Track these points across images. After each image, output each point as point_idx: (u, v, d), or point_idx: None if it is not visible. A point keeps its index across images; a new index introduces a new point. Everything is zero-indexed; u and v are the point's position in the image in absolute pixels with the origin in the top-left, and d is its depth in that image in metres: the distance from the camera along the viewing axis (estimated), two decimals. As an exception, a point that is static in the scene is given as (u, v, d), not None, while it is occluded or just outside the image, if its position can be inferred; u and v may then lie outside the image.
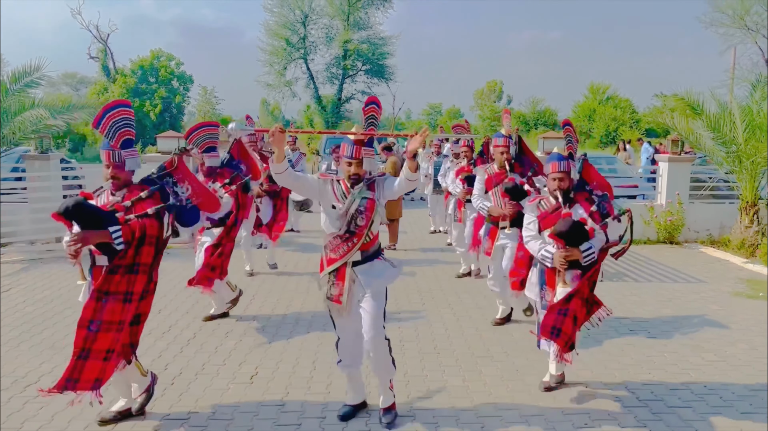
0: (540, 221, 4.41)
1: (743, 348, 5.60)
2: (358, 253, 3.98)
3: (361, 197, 3.94)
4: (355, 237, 3.94)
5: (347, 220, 3.93)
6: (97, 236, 3.68)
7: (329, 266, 4.02)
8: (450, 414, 4.28)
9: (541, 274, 4.50)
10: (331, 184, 4.05)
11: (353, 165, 3.95)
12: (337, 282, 4.00)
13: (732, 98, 10.67)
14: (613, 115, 39.64)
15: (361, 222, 3.94)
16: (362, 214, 3.93)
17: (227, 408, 4.36)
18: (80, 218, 3.66)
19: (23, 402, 4.42)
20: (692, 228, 10.75)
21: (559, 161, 4.34)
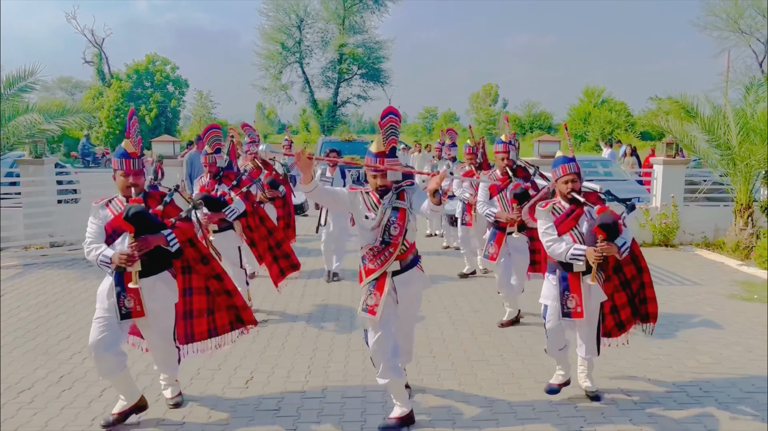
0: (557, 226, 4.31)
1: (738, 351, 5.61)
2: (397, 263, 4.01)
3: (392, 207, 3.99)
4: (390, 247, 3.98)
5: (381, 231, 3.97)
6: (156, 240, 3.83)
7: (368, 276, 4.04)
8: (446, 418, 4.27)
9: (562, 281, 4.32)
10: (362, 196, 4.07)
11: (378, 177, 3.99)
12: (374, 292, 4.01)
13: (726, 101, 10.70)
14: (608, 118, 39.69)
15: (394, 232, 3.97)
16: (394, 223, 3.96)
17: (222, 413, 4.35)
18: (139, 224, 3.74)
19: (17, 408, 4.39)
20: (687, 230, 10.78)
21: (568, 163, 4.29)
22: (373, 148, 3.98)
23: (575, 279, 4.29)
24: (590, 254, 4.09)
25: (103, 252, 3.87)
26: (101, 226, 3.96)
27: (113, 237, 3.94)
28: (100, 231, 3.96)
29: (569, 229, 4.26)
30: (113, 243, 3.93)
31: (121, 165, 3.94)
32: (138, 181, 3.96)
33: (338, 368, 5.16)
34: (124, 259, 3.73)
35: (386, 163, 3.97)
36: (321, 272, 8.56)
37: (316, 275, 8.45)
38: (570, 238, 4.25)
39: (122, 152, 3.95)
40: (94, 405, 4.44)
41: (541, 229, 4.38)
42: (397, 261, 4.01)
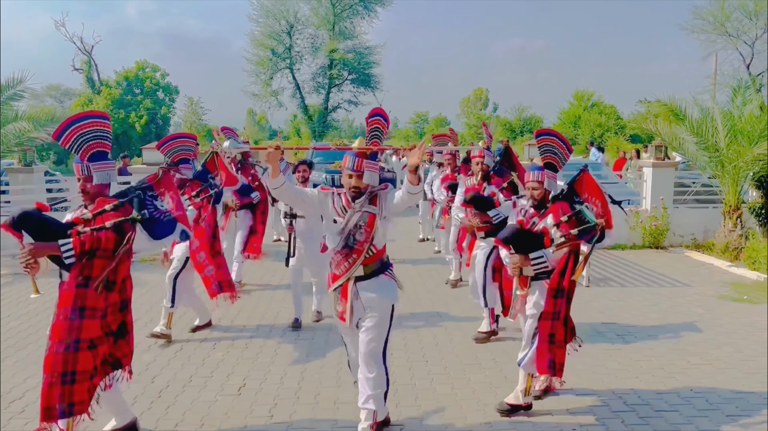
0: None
1: (728, 351, 5.65)
2: (361, 268, 3.87)
3: (362, 212, 3.84)
4: (354, 253, 3.84)
5: (345, 235, 3.83)
6: (47, 248, 3.60)
7: (333, 283, 3.97)
8: (439, 422, 4.28)
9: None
10: (332, 197, 3.95)
11: (354, 178, 3.84)
12: (341, 299, 3.93)
13: (714, 103, 10.82)
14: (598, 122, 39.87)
15: (360, 238, 3.82)
16: (361, 228, 3.82)
17: (215, 420, 4.33)
18: (31, 229, 3.59)
19: (8, 418, 4.37)
20: (677, 232, 10.85)
21: (532, 171, 4.46)
22: (356, 147, 3.90)
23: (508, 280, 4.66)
24: (508, 263, 4.33)
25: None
26: None
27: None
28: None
29: None
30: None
31: (74, 169, 3.87)
32: (86, 187, 3.83)
33: (331, 374, 5.16)
34: (23, 266, 3.60)
35: (365, 165, 3.84)
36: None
37: (307, 282, 8.42)
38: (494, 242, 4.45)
39: (75, 157, 3.86)
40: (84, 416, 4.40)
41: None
42: (361, 266, 3.87)
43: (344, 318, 3.91)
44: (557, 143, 4.57)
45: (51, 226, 3.66)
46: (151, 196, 4.09)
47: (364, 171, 3.84)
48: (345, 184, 3.92)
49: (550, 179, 4.44)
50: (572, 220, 4.23)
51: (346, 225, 3.83)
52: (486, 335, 5.97)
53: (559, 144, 4.58)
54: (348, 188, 3.89)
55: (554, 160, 4.51)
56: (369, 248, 3.86)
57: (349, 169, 3.86)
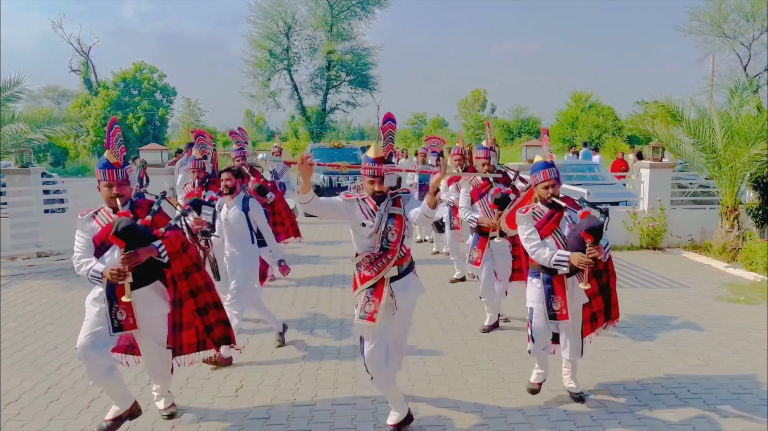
0: (538, 230, 4.36)
1: (726, 352, 5.65)
2: (395, 269, 4.00)
3: (388, 213, 3.98)
4: (388, 253, 3.97)
5: (380, 238, 3.96)
6: (147, 252, 3.78)
7: (364, 283, 4.01)
8: (436, 424, 4.28)
9: (546, 284, 4.37)
10: (358, 203, 4.05)
11: (376, 182, 3.97)
12: (373, 299, 3.98)
13: (711, 104, 10.83)
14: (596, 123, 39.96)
15: (392, 238, 3.97)
16: (392, 229, 3.97)
17: (213, 422, 4.33)
18: (128, 237, 3.69)
19: (4, 420, 4.35)
20: (674, 233, 10.86)
21: (548, 169, 4.35)
22: (371, 154, 3.97)
23: (559, 282, 4.35)
24: (579, 258, 4.10)
25: (94, 267, 3.79)
26: (89, 239, 3.89)
27: (102, 249, 3.87)
28: (89, 245, 3.88)
29: (551, 232, 4.32)
30: (102, 256, 3.87)
31: (104, 176, 3.87)
32: (123, 191, 3.90)
33: (328, 376, 5.15)
34: (115, 274, 3.67)
35: (384, 169, 3.98)
36: (311, 280, 8.56)
37: (305, 283, 8.44)
38: (553, 242, 4.31)
39: (105, 163, 3.88)
40: (83, 415, 4.41)
41: (523, 235, 4.41)
42: (395, 267, 4.01)
43: (374, 319, 3.92)
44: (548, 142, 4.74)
45: (142, 233, 3.81)
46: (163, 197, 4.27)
47: (384, 175, 3.99)
48: (368, 189, 4.04)
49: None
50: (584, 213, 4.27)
51: (379, 227, 3.96)
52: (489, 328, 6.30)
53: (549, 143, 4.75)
54: (372, 193, 4.02)
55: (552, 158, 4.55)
56: (401, 248, 4.01)
57: (369, 175, 3.97)
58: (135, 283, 3.79)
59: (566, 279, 4.35)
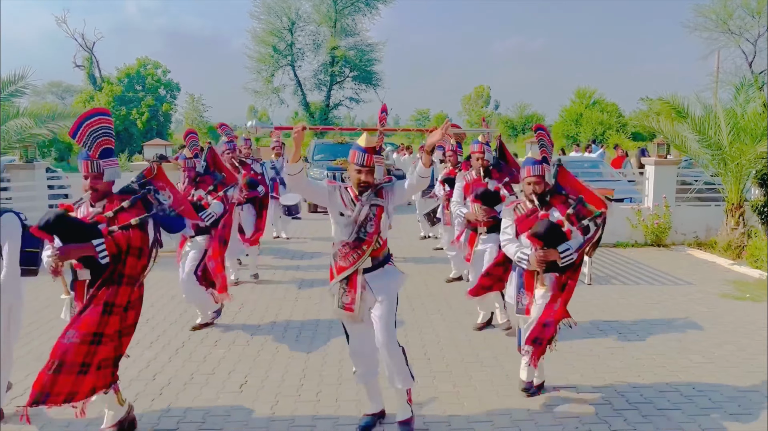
0: (517, 225, 4.45)
1: (731, 350, 5.64)
2: (369, 260, 3.94)
3: (369, 204, 3.91)
4: (364, 244, 3.90)
5: (356, 228, 3.90)
6: (81, 250, 3.62)
7: (339, 274, 3.98)
8: (441, 420, 4.27)
9: (519, 278, 4.51)
10: (339, 191, 4.01)
11: (363, 173, 3.90)
12: (348, 290, 3.96)
13: (716, 101, 10.80)
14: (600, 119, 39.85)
15: (370, 230, 3.91)
16: (371, 221, 3.91)
17: (217, 418, 4.33)
18: (62, 231, 3.58)
19: (11, 414, 4.35)
20: (679, 230, 10.84)
21: (532, 165, 4.39)
22: (362, 142, 3.91)
23: (531, 278, 4.42)
24: (533, 259, 4.21)
25: (43, 254, 3.74)
26: None
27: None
28: None
29: (527, 229, 4.32)
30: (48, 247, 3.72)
31: (81, 167, 3.82)
32: (96, 184, 3.80)
33: (332, 372, 5.15)
34: (49, 269, 3.61)
35: (374, 160, 3.92)
36: (314, 277, 8.57)
37: (309, 278, 8.44)
38: (526, 239, 4.33)
39: (82, 154, 3.82)
40: (87, 411, 4.40)
41: (501, 227, 4.54)
42: (369, 258, 3.94)
43: (352, 309, 3.92)
44: (549, 139, 4.66)
45: (79, 228, 3.65)
46: (154, 191, 4.07)
47: (373, 165, 3.91)
48: (353, 178, 3.96)
49: (547, 173, 4.45)
50: (577, 211, 4.27)
51: (358, 217, 3.89)
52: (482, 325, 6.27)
53: (550, 140, 4.65)
54: (357, 183, 3.94)
55: (547, 155, 4.53)
56: (377, 239, 3.95)
57: (358, 164, 3.90)
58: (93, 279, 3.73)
59: (536, 276, 4.40)
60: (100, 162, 3.80)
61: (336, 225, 3.99)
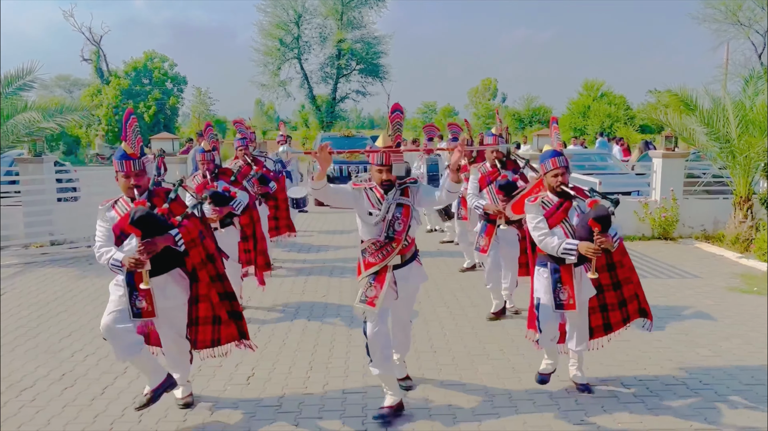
0: (547, 219, 4.32)
1: (738, 343, 5.62)
2: (398, 257, 4.10)
3: (396, 203, 4.07)
4: (393, 242, 4.06)
5: (386, 226, 4.04)
6: (164, 241, 3.81)
7: (368, 269, 4.11)
8: (447, 412, 4.29)
9: (553, 273, 4.33)
10: (365, 192, 4.15)
11: (384, 171, 4.06)
12: (374, 284, 4.08)
13: (725, 93, 10.70)
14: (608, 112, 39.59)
15: (398, 228, 4.06)
16: (399, 219, 4.06)
17: (224, 410, 4.36)
18: (145, 226, 3.71)
19: (19, 406, 4.41)
20: (686, 223, 10.79)
21: (558, 157, 4.30)
22: (380, 143, 4.07)
23: (567, 272, 4.31)
24: (587, 248, 4.06)
25: (113, 256, 3.84)
26: (109, 229, 3.94)
27: (121, 238, 3.92)
28: (109, 234, 3.94)
29: (560, 222, 4.28)
30: (122, 245, 3.92)
31: (121, 167, 3.91)
32: (140, 182, 3.94)
33: (339, 364, 5.18)
34: (133, 263, 3.72)
35: (392, 158, 4.04)
36: (321, 269, 8.60)
37: (316, 271, 8.47)
38: (561, 231, 4.27)
39: (122, 154, 3.92)
40: (97, 402, 4.46)
41: (531, 224, 4.36)
42: (398, 256, 4.11)
43: (374, 304, 4.03)
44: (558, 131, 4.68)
45: (158, 222, 3.82)
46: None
47: (392, 164, 4.05)
48: (375, 178, 4.14)
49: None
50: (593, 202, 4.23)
51: (386, 216, 4.05)
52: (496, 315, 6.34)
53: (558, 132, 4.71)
54: (379, 182, 4.11)
55: (562, 146, 4.53)
56: (405, 237, 4.10)
57: (378, 164, 4.07)
58: (153, 271, 3.83)
59: (574, 269, 4.33)
60: (142, 160, 3.97)
61: (364, 225, 4.15)
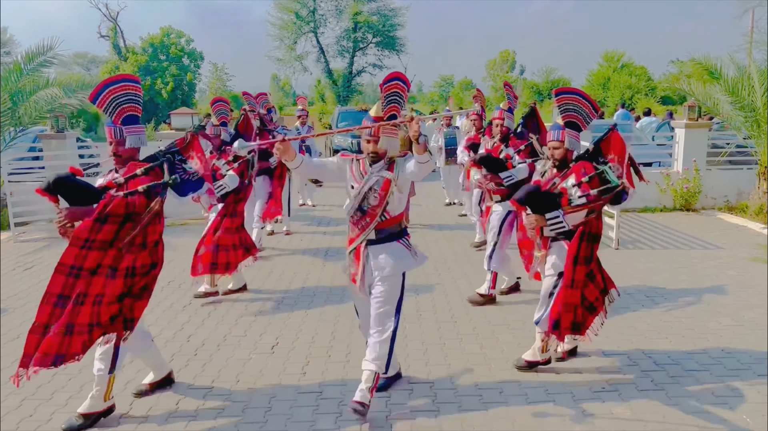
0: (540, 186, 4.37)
1: (760, 313, 5.59)
2: (373, 233, 3.89)
3: (378, 176, 3.86)
4: (367, 216, 3.86)
5: (359, 200, 3.86)
6: (83, 212, 3.63)
7: (349, 245, 4.05)
8: (468, 382, 4.34)
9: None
10: (351, 164, 3.99)
11: (371, 143, 3.85)
12: (354, 261, 4.00)
13: (751, 61, 10.47)
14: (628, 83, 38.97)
15: (374, 202, 3.84)
16: (375, 192, 3.83)
17: (250, 377, 4.46)
18: (66, 194, 3.61)
19: (52, 374, 4.51)
20: (709, 194, 10.65)
21: (554, 131, 4.37)
22: (372, 112, 3.90)
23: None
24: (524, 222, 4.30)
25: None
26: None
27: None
28: None
29: None
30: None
31: (106, 133, 3.90)
32: (118, 150, 3.85)
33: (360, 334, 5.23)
34: (61, 231, 3.65)
35: (381, 130, 3.77)
36: (341, 241, 8.65)
37: (335, 245, 8.53)
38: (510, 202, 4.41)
39: (107, 120, 3.89)
40: (126, 370, 4.53)
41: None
42: (374, 230, 3.89)
43: (355, 281, 3.98)
44: (581, 102, 4.37)
45: (85, 191, 3.69)
46: (180, 160, 4.08)
47: (380, 136, 3.80)
48: (364, 149, 3.94)
49: (572, 139, 4.30)
50: (595, 180, 4.16)
51: (362, 188, 3.85)
52: (483, 299, 5.96)
53: (583, 103, 4.37)
54: (366, 153, 3.91)
55: (577, 119, 4.34)
56: (382, 213, 3.86)
57: (366, 134, 3.87)
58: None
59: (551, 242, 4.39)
60: (122, 128, 3.85)
61: (348, 198, 3.99)
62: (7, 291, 6.54)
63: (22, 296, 6.39)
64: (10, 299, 6.30)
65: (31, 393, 4.24)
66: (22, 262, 7.76)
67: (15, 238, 8.97)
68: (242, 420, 3.88)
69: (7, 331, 5.41)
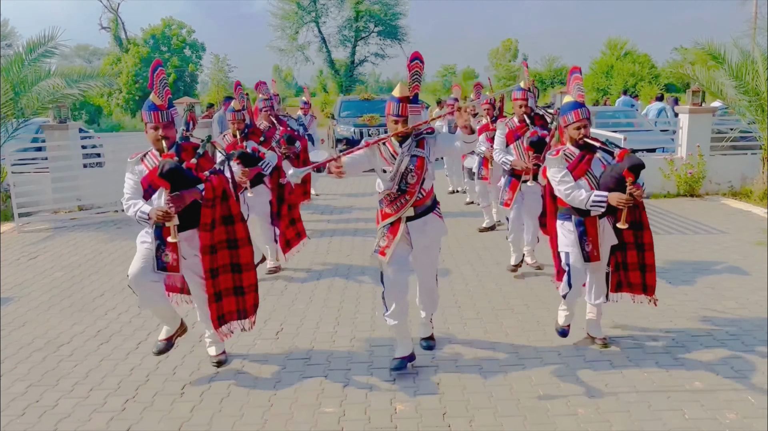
0: (571, 171, 4.25)
1: (764, 296, 5.58)
2: (411, 209, 4.06)
3: (410, 155, 3.99)
4: (407, 194, 4.03)
5: (398, 179, 4.00)
6: (191, 195, 3.84)
7: (384, 220, 4.13)
8: (473, 364, 4.35)
9: (578, 225, 4.29)
10: (379, 149, 4.06)
11: (399, 123, 3.95)
12: (387, 235, 4.10)
13: (755, 46, 10.40)
14: (632, 71, 38.72)
15: (411, 180, 4.01)
16: (412, 172, 3.99)
17: (255, 363, 4.47)
18: (173, 179, 3.75)
19: (58, 360, 4.56)
20: (713, 180, 10.61)
21: (580, 108, 4.23)
22: (396, 92, 3.95)
23: (591, 224, 4.29)
24: (618, 198, 4.01)
25: (141, 209, 3.88)
26: (138, 182, 3.96)
27: (149, 191, 3.94)
28: (137, 187, 3.96)
29: (584, 174, 4.24)
30: (150, 199, 3.95)
31: (150, 118, 3.91)
32: (168, 134, 3.93)
33: (365, 319, 5.26)
34: (161, 215, 3.75)
35: (408, 109, 3.94)
36: (344, 230, 8.66)
37: (339, 232, 8.53)
38: (586, 184, 4.24)
39: (150, 105, 3.92)
40: (132, 356, 4.60)
41: (556, 177, 4.27)
42: (412, 208, 4.06)
43: (384, 253, 4.06)
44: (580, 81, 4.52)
45: (183, 175, 3.84)
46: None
47: (408, 115, 3.95)
48: (391, 129, 4.02)
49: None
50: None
51: (398, 170, 3.98)
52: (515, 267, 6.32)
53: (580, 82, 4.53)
54: (395, 133, 3.99)
55: (583, 98, 4.39)
56: (420, 190, 4.04)
57: (393, 114, 3.96)
58: (181, 225, 3.86)
59: (598, 221, 4.31)
60: (170, 111, 3.96)
61: (380, 180, 4.11)
62: (12, 281, 6.56)
63: (27, 285, 6.41)
64: (15, 288, 6.32)
65: (37, 379, 4.26)
66: (26, 252, 7.78)
67: (19, 229, 8.99)
68: (247, 404, 3.89)
69: (12, 320, 5.43)
